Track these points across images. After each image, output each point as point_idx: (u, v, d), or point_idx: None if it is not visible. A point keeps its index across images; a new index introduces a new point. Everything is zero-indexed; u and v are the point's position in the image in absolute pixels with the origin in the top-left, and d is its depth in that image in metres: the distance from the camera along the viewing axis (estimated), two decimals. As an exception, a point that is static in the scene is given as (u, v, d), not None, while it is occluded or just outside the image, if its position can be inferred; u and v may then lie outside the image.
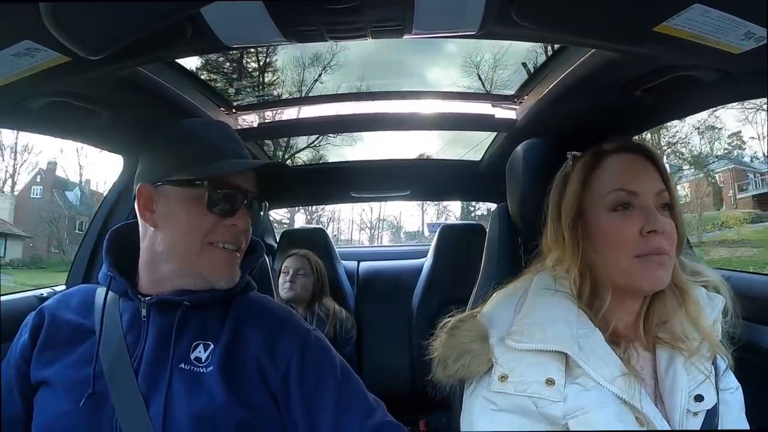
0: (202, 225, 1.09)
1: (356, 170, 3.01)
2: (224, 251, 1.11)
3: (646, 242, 1.01)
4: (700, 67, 1.11)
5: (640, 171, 1.07)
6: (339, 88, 2.21)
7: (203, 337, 1.10)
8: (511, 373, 1.00)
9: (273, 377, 1.07)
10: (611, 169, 1.09)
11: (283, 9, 0.96)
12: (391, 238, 28.29)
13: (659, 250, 1.01)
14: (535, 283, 1.11)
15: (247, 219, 1.13)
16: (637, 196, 1.04)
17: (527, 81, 1.89)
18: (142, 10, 0.80)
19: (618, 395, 0.96)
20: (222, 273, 1.11)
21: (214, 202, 1.09)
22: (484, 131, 2.46)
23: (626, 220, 1.04)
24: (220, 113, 1.98)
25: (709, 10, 0.84)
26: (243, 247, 1.15)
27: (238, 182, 1.11)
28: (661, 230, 1.01)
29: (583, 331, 1.02)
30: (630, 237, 1.02)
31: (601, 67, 1.28)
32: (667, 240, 1.02)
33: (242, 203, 1.12)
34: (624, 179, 1.06)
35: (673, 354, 1.05)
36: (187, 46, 1.13)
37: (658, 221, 1.01)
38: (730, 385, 1.11)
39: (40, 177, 22.59)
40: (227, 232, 1.11)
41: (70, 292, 1.22)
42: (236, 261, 1.14)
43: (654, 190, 1.05)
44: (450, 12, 0.99)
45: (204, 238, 1.09)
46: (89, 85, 1.23)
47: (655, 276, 1.02)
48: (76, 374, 1.06)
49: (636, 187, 1.05)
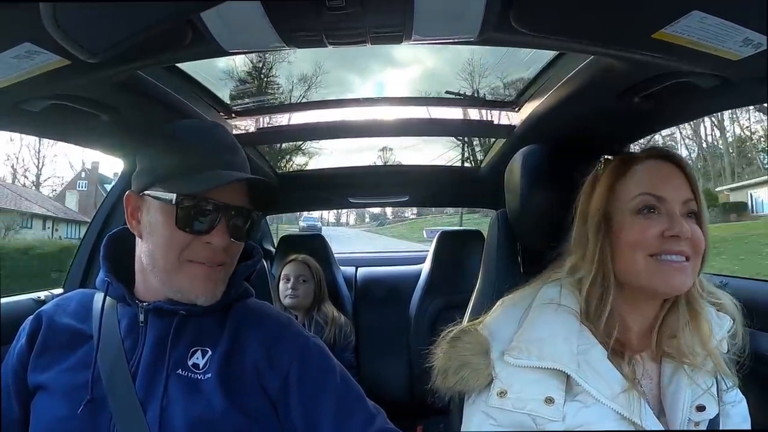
0: (178, 242, 1.05)
1: (355, 176, 3.01)
2: (202, 267, 1.07)
3: (665, 244, 1.01)
4: (698, 74, 1.11)
5: (668, 177, 1.07)
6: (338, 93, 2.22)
7: (201, 344, 1.09)
8: (510, 389, 1.00)
9: (272, 384, 1.07)
10: (640, 173, 1.09)
11: (283, 14, 0.96)
12: (356, 219, 32.24)
13: (680, 252, 1.00)
14: (540, 296, 1.11)
15: (225, 236, 1.06)
16: (664, 202, 1.04)
17: (526, 87, 1.89)
18: (142, 14, 0.79)
19: (618, 411, 0.96)
20: (200, 290, 1.07)
21: (185, 220, 1.04)
22: (483, 137, 2.47)
23: (649, 222, 1.03)
24: (218, 118, 1.98)
25: (708, 17, 0.84)
26: (227, 261, 1.11)
27: (214, 197, 1.05)
28: (685, 236, 1.00)
29: (584, 347, 1.01)
30: (650, 237, 1.02)
31: (600, 74, 1.28)
32: (691, 247, 1.01)
33: (219, 219, 1.06)
34: (651, 184, 1.06)
35: (678, 366, 1.04)
36: (187, 51, 1.13)
37: (683, 226, 1.00)
38: (733, 398, 1.11)
39: (85, 173, 32.96)
40: (204, 249, 1.06)
41: (68, 296, 1.22)
42: (218, 276, 1.09)
43: (681, 198, 1.04)
44: (449, 18, 0.99)
45: (180, 255, 1.06)
46: (89, 88, 1.23)
47: (674, 280, 1.01)
48: (74, 379, 1.06)
49: (663, 193, 1.04)
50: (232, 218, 1.08)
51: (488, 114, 2.14)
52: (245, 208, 1.11)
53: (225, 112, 2.05)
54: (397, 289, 3.33)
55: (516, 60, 1.98)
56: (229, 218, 1.07)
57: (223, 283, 1.11)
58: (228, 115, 2.07)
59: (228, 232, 1.07)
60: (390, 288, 3.38)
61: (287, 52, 2.17)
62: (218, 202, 1.06)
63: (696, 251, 1.02)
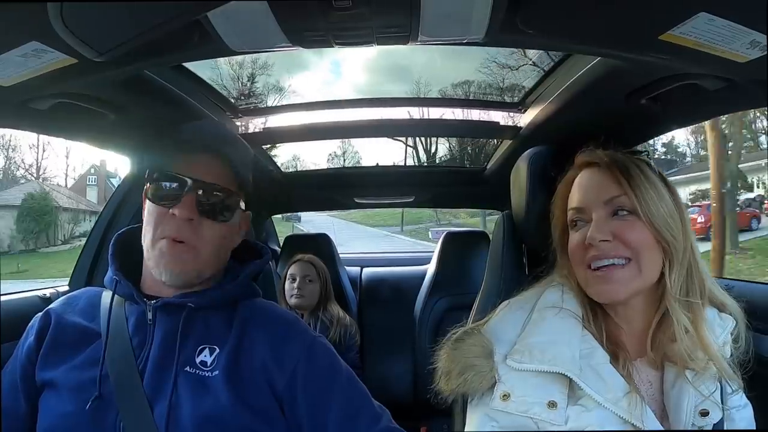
0: (152, 218, 1.09)
1: (360, 176, 3.01)
2: (167, 241, 1.07)
3: (588, 253, 1.02)
4: (705, 76, 1.10)
5: (588, 184, 1.08)
6: (344, 94, 2.22)
7: (209, 341, 1.10)
8: (513, 392, 0.99)
9: (279, 383, 1.07)
10: (574, 188, 1.11)
11: (290, 15, 0.96)
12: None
13: (602, 257, 1.00)
14: (542, 300, 1.10)
15: (189, 208, 1.06)
16: (583, 211, 1.06)
17: (532, 89, 1.89)
18: (149, 14, 0.80)
19: (620, 415, 0.96)
20: (165, 264, 1.07)
21: (155, 193, 1.10)
22: (489, 138, 2.47)
23: (575, 235, 1.07)
24: (225, 117, 1.99)
25: (715, 19, 0.84)
26: (192, 240, 1.09)
27: (181, 171, 1.08)
28: (596, 240, 1.00)
29: (587, 351, 1.01)
30: (577, 250, 1.05)
31: (606, 75, 1.28)
32: (622, 247, 1.00)
33: (185, 192, 1.07)
34: (575, 197, 1.09)
35: (680, 371, 1.03)
36: (194, 51, 1.13)
37: (594, 233, 1.00)
38: (737, 402, 1.10)
39: (94, 169, 34.25)
40: (170, 222, 1.07)
41: (76, 294, 1.23)
42: (181, 254, 1.08)
43: (601, 199, 1.04)
44: (456, 19, 0.99)
45: (155, 233, 1.08)
46: (96, 87, 1.23)
47: (602, 288, 1.02)
48: (81, 376, 1.06)
49: (581, 203, 1.07)
50: (201, 193, 1.09)
51: (494, 115, 2.13)
52: (217, 185, 1.11)
53: (231, 111, 2.05)
54: (402, 289, 3.32)
55: (522, 61, 1.98)
56: (197, 193, 1.08)
57: (192, 265, 1.10)
58: (234, 115, 2.07)
59: (194, 206, 1.08)
60: (395, 288, 3.38)
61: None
62: (185, 176, 1.08)
63: (631, 248, 1.00)
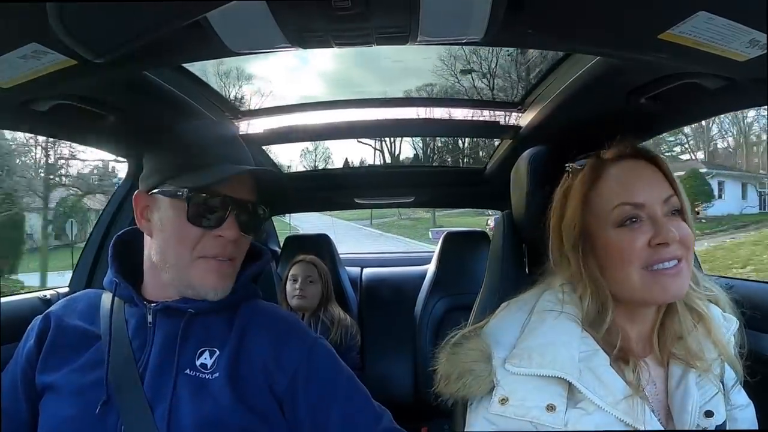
0: (189, 237, 1.07)
1: (360, 176, 3.01)
2: (214, 261, 1.08)
3: (655, 253, 0.96)
4: (705, 75, 1.10)
5: (643, 179, 1.01)
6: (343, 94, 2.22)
7: (209, 344, 1.09)
8: (512, 396, 0.98)
9: (279, 384, 1.07)
10: (612, 181, 1.03)
11: (290, 15, 0.96)
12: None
13: (672, 258, 0.96)
14: (541, 302, 1.08)
15: (235, 229, 1.08)
16: (644, 207, 0.99)
17: (532, 88, 1.89)
18: (149, 15, 0.80)
19: (621, 419, 0.94)
20: (211, 284, 1.08)
21: (196, 214, 1.06)
22: (489, 138, 2.47)
23: (634, 234, 0.98)
24: (225, 118, 1.99)
25: (714, 18, 0.84)
26: (237, 256, 1.13)
27: (222, 191, 1.08)
28: (674, 240, 0.96)
29: (586, 354, 0.99)
30: (638, 250, 0.97)
31: (606, 75, 1.28)
32: (681, 248, 0.97)
33: (228, 212, 1.08)
34: (627, 191, 1.00)
35: (686, 370, 1.02)
36: (194, 52, 1.13)
37: (670, 232, 0.95)
38: (740, 402, 1.10)
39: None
40: (215, 243, 1.08)
41: (76, 296, 1.23)
42: (228, 271, 1.11)
43: (661, 197, 0.99)
44: (455, 19, 0.99)
45: (193, 251, 1.07)
46: (95, 88, 1.24)
47: (672, 287, 0.97)
48: (82, 380, 1.06)
49: (641, 198, 0.99)
50: (241, 212, 1.10)
51: (494, 115, 2.13)
52: (253, 202, 1.13)
53: (232, 112, 2.05)
54: (403, 289, 3.32)
55: (522, 61, 1.98)
56: (238, 212, 1.09)
57: (232, 278, 1.12)
58: (235, 116, 2.07)
59: (238, 225, 1.09)
60: (395, 288, 3.38)
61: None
62: (227, 196, 1.08)
63: (687, 250, 0.98)
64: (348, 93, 2.25)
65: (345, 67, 2.52)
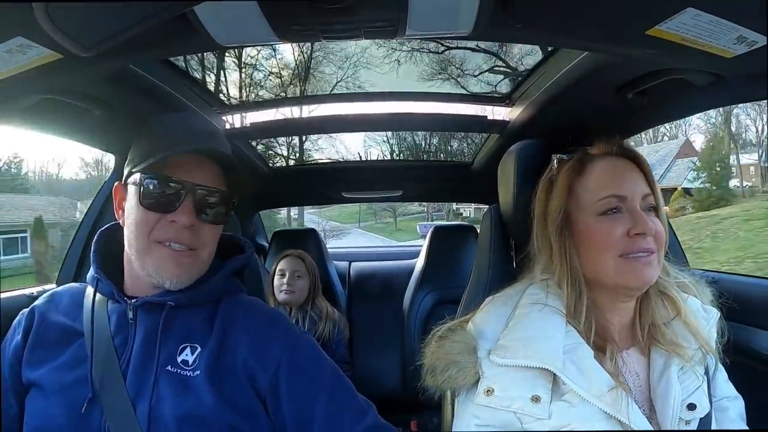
0: (145, 221, 1.06)
1: (348, 171, 3.01)
2: (169, 250, 1.07)
3: (632, 243, 1.02)
4: (692, 71, 1.11)
5: (627, 175, 1.08)
6: (331, 88, 2.22)
7: (190, 340, 1.09)
8: (497, 387, 1.00)
9: (262, 381, 1.07)
10: (599, 174, 1.09)
11: (278, 9, 0.95)
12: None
13: (646, 249, 1.02)
14: (526, 296, 1.11)
15: (191, 215, 1.06)
16: (625, 200, 1.05)
17: (520, 83, 1.89)
18: (135, 8, 0.79)
19: (605, 411, 0.96)
20: (167, 273, 1.07)
21: (148, 197, 1.06)
22: (476, 132, 2.47)
23: (614, 223, 1.04)
24: (211, 112, 1.97)
25: (702, 14, 0.84)
26: (197, 246, 1.10)
27: (177, 174, 1.06)
28: (650, 233, 1.02)
29: (570, 346, 1.02)
30: (616, 238, 1.03)
31: (594, 70, 1.29)
32: (654, 242, 1.03)
33: (184, 197, 1.06)
34: (612, 184, 1.07)
35: (668, 360, 1.05)
36: (181, 45, 1.12)
37: (647, 224, 1.02)
38: (729, 393, 1.13)
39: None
40: (169, 228, 1.06)
41: (60, 291, 1.22)
42: (186, 260, 1.09)
43: (641, 193, 1.06)
44: (444, 13, 0.99)
45: (149, 236, 1.06)
46: (81, 82, 1.22)
47: (643, 274, 1.02)
48: (65, 378, 1.06)
49: (623, 191, 1.05)
50: (200, 197, 1.08)
51: (482, 109, 2.13)
52: (214, 189, 1.10)
53: (218, 106, 2.04)
54: (391, 283, 3.34)
55: (510, 55, 1.98)
56: (195, 197, 1.07)
57: (193, 269, 1.11)
58: (221, 110, 2.06)
59: (194, 211, 1.07)
60: (383, 283, 3.39)
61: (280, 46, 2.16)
62: (183, 180, 1.06)
63: (659, 244, 1.04)
64: (336, 88, 2.23)
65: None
